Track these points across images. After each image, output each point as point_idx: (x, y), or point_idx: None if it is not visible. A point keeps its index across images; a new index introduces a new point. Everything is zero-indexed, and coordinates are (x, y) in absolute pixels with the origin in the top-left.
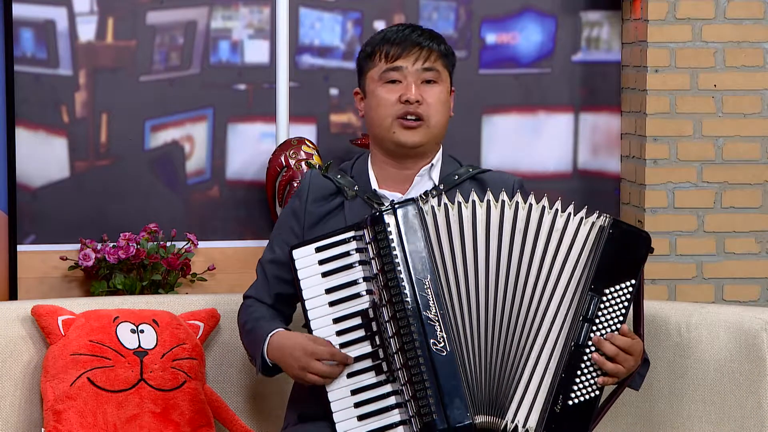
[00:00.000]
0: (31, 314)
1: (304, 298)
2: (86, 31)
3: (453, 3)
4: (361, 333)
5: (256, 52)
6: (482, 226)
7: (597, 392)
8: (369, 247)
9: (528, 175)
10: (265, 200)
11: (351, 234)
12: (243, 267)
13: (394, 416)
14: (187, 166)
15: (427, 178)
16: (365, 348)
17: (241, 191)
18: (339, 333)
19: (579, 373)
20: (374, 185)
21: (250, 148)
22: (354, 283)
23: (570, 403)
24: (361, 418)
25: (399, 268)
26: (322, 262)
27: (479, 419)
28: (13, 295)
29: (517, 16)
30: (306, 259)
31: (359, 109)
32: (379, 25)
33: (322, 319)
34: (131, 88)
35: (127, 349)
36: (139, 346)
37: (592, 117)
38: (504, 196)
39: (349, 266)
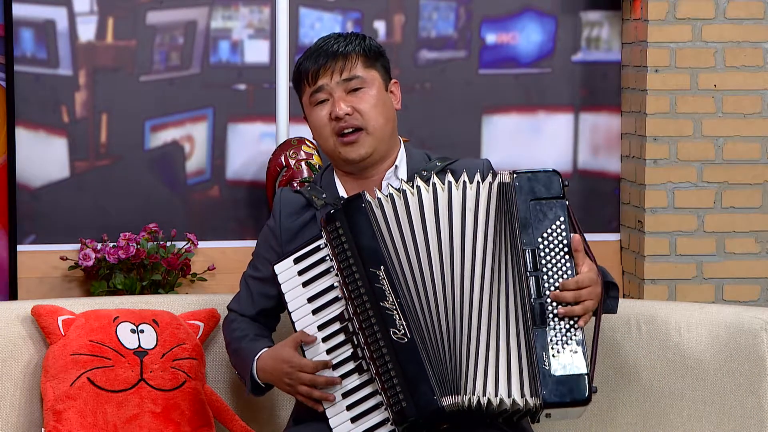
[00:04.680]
0: (31, 314)
1: (290, 310)
2: (86, 31)
3: (453, 3)
4: (342, 337)
5: (256, 52)
6: (430, 209)
7: (578, 334)
8: (327, 247)
9: None
10: (265, 200)
11: (323, 240)
12: (243, 267)
13: (383, 413)
14: (187, 166)
15: (394, 179)
16: (347, 351)
17: (241, 191)
18: (324, 339)
19: (552, 324)
20: (342, 193)
21: (250, 148)
22: (331, 288)
23: (553, 356)
24: (354, 420)
25: (352, 263)
26: (301, 273)
27: (447, 401)
28: (13, 295)
29: (517, 16)
30: (287, 272)
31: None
32: (379, 25)
33: (308, 328)
34: (131, 88)
35: (127, 349)
36: (139, 346)
37: (592, 117)
38: (454, 177)
39: (326, 272)
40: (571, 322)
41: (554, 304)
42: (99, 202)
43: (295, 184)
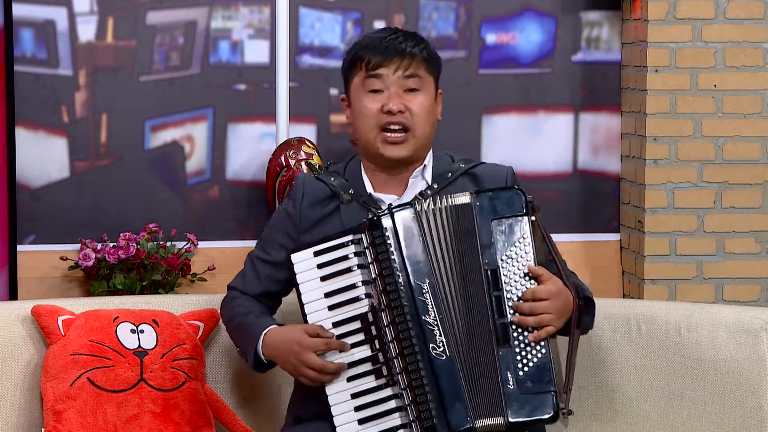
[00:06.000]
0: (31, 314)
1: (303, 302)
2: (86, 31)
3: (453, 3)
4: (360, 337)
5: (256, 52)
6: (436, 231)
7: (542, 351)
8: (367, 251)
9: (528, 175)
10: (265, 200)
11: (349, 238)
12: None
13: (395, 420)
14: (187, 166)
15: (420, 178)
16: (365, 351)
17: (241, 191)
18: (339, 337)
19: (517, 342)
20: (369, 189)
21: (250, 148)
22: (353, 286)
23: (521, 374)
24: (361, 421)
25: (397, 273)
26: (320, 266)
27: (480, 423)
28: (13, 295)
29: (517, 16)
30: (305, 263)
31: (347, 116)
32: (380, 25)
33: (322, 323)
34: (131, 88)
35: (127, 349)
36: (139, 346)
37: (592, 117)
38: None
39: (348, 270)
40: (526, 338)
41: (511, 318)
42: (99, 202)
43: (318, 170)
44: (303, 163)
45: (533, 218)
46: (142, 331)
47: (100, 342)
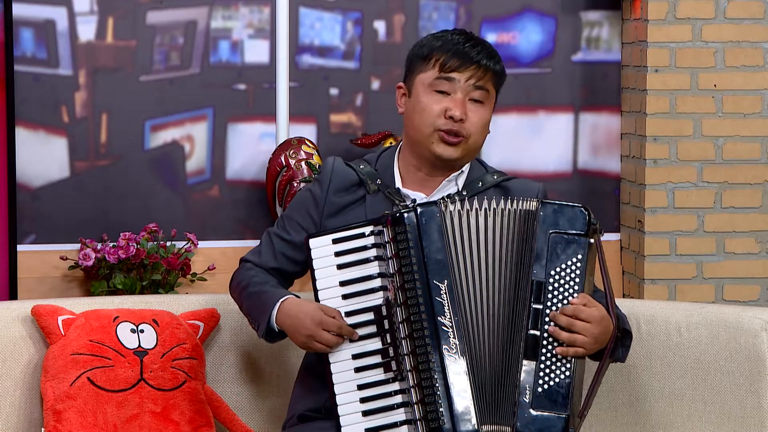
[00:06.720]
0: (31, 314)
1: (318, 288)
2: (86, 31)
3: (453, 3)
4: (372, 329)
5: (256, 52)
6: (493, 233)
7: (566, 374)
8: (388, 246)
9: (528, 175)
10: (265, 200)
11: (369, 228)
12: None
13: (399, 415)
14: (187, 166)
15: (453, 183)
16: (375, 344)
17: (241, 191)
18: (350, 326)
19: (543, 359)
20: (398, 183)
21: (250, 148)
22: (369, 278)
23: (539, 390)
24: (366, 413)
25: (416, 271)
26: (338, 254)
27: (486, 428)
28: (13, 295)
29: (517, 16)
30: (322, 249)
31: (399, 105)
32: (379, 25)
33: None
34: (131, 88)
35: (127, 348)
36: (139, 345)
37: (592, 117)
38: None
39: (365, 261)
40: (561, 360)
41: (549, 339)
42: (99, 202)
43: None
44: (303, 163)
45: (591, 240)
46: (142, 331)
47: (100, 342)
